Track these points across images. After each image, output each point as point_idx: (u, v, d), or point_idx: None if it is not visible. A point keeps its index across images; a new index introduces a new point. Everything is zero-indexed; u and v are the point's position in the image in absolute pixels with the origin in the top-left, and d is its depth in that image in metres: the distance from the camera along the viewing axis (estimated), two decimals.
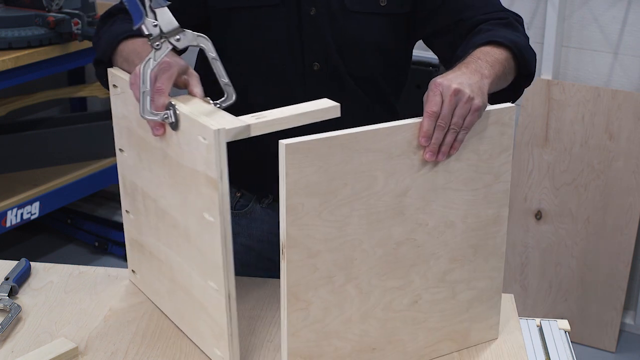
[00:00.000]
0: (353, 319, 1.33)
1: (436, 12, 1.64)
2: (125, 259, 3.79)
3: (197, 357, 1.44)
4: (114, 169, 3.37)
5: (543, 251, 3.06)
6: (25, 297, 1.61)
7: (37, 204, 3.11)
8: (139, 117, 1.42)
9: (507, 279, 3.04)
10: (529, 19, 3.02)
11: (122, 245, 3.53)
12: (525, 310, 3.07)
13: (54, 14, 2.94)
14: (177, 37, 1.35)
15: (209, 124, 1.25)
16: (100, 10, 3.31)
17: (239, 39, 1.64)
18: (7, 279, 1.62)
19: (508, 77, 1.51)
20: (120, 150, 1.57)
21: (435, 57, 2.24)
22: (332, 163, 1.22)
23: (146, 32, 1.33)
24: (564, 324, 1.62)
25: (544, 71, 3.00)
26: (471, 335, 1.47)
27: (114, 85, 1.53)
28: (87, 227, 3.66)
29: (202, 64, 1.45)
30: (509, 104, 1.38)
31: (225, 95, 1.39)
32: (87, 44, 3.05)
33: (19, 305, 1.55)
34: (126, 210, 1.61)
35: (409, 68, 1.80)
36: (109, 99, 4.04)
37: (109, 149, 3.35)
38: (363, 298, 1.32)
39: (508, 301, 1.59)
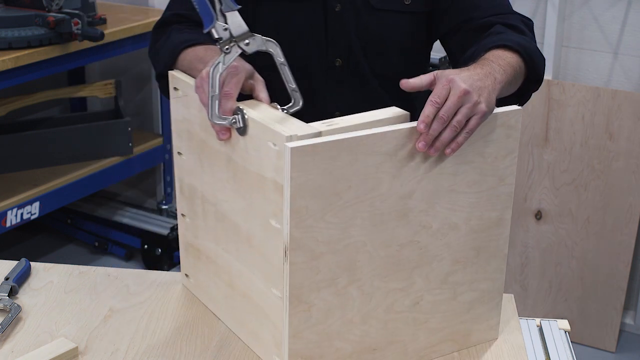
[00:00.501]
0: (354, 320, 1.33)
1: (447, 11, 1.65)
2: (125, 259, 3.80)
3: (197, 357, 1.44)
4: (114, 169, 3.41)
5: (543, 251, 3.06)
6: (25, 297, 1.61)
7: (37, 204, 3.11)
8: (201, 120, 1.42)
9: (507, 279, 3.04)
10: None
11: (122, 245, 3.55)
12: (525, 310, 3.07)
13: (54, 14, 2.94)
14: (247, 41, 1.35)
15: (281, 130, 1.25)
16: (100, 10, 3.31)
17: (264, 32, 1.65)
18: (7, 279, 1.62)
19: (517, 81, 1.51)
20: (179, 153, 1.56)
21: (436, 57, 2.23)
22: (337, 165, 1.22)
23: (216, 36, 1.33)
24: (564, 324, 1.62)
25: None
26: (471, 335, 1.47)
27: (175, 88, 1.52)
28: (87, 227, 3.66)
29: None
30: (515, 107, 1.37)
31: (293, 101, 1.40)
32: (87, 44, 3.05)
33: (18, 305, 1.55)
34: (182, 214, 1.60)
35: (428, 68, 1.81)
36: (109, 99, 4.02)
37: (109, 149, 3.39)
38: (365, 299, 1.32)
39: (508, 301, 1.59)
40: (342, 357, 1.34)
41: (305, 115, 1.35)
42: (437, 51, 1.91)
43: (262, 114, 1.33)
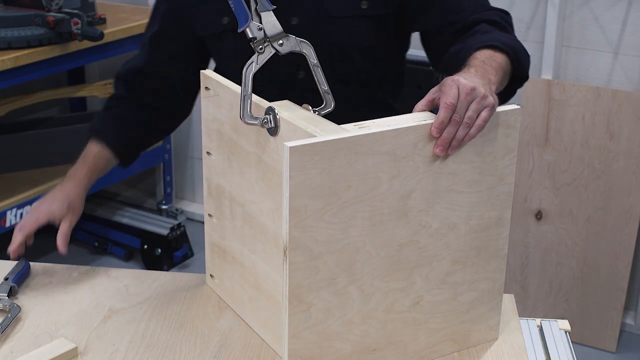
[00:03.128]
0: (354, 321, 1.33)
1: (426, 12, 1.64)
2: (125, 259, 3.80)
3: (197, 357, 1.44)
4: (113, 169, 3.37)
5: (543, 251, 3.06)
6: (24, 298, 1.61)
7: None
8: (231, 121, 1.42)
9: (507, 279, 3.02)
10: (529, 19, 3.02)
11: (122, 245, 3.55)
12: (526, 310, 3.07)
13: (53, 14, 2.94)
14: (280, 41, 1.37)
15: (313, 131, 1.25)
16: (100, 10, 3.31)
17: (229, 62, 1.67)
18: (6, 279, 1.62)
19: (505, 81, 1.52)
20: (208, 153, 1.56)
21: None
22: (336, 165, 1.22)
23: (250, 35, 1.35)
24: (565, 324, 1.62)
25: (544, 71, 3.00)
26: (472, 335, 1.47)
27: (206, 88, 1.52)
28: (87, 227, 3.66)
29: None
30: (514, 106, 1.37)
31: (324, 103, 1.41)
32: (87, 43, 3.05)
33: (18, 306, 1.55)
34: (209, 214, 1.60)
35: (404, 67, 1.80)
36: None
37: None
38: (365, 299, 1.32)
39: (508, 301, 1.59)
40: (342, 357, 1.34)
41: None
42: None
43: (294, 114, 1.34)
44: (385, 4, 1.65)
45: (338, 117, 1.37)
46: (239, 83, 1.37)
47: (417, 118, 1.32)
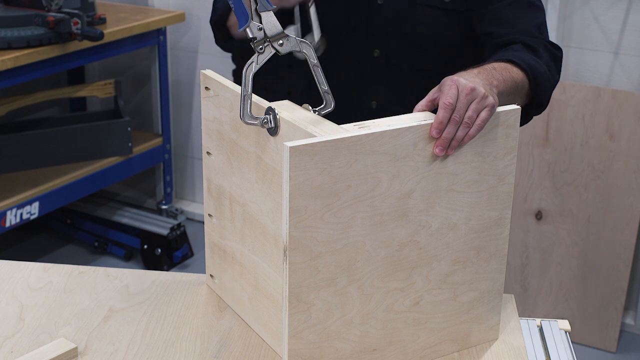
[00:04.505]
0: (354, 321, 1.33)
1: (480, 19, 1.68)
2: (125, 259, 3.80)
3: (197, 357, 1.44)
4: (114, 169, 3.42)
5: (543, 251, 3.06)
6: (24, 298, 1.60)
7: (36, 204, 3.11)
8: (232, 120, 1.42)
9: (507, 279, 3.04)
10: None
11: (122, 245, 3.55)
12: (526, 310, 3.07)
13: (53, 14, 2.94)
14: (281, 41, 1.37)
15: (313, 131, 1.25)
16: (100, 10, 3.31)
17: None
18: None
19: (517, 99, 1.52)
20: (208, 153, 1.56)
21: None
22: (336, 165, 1.22)
23: (251, 36, 1.35)
24: (565, 324, 1.62)
25: None
26: (472, 335, 1.47)
27: (206, 88, 1.52)
28: (87, 227, 3.66)
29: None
30: (514, 106, 1.38)
31: (324, 103, 1.41)
32: (87, 43, 3.05)
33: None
34: (209, 214, 1.60)
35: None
36: (108, 99, 4.01)
37: (109, 149, 3.39)
38: (365, 299, 1.32)
39: (508, 301, 1.59)
40: (342, 357, 1.34)
41: (343, 104, 1.39)
42: None
43: (294, 114, 1.34)
44: (464, 1, 1.68)
45: (402, 102, 1.37)
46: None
47: (417, 118, 1.32)
